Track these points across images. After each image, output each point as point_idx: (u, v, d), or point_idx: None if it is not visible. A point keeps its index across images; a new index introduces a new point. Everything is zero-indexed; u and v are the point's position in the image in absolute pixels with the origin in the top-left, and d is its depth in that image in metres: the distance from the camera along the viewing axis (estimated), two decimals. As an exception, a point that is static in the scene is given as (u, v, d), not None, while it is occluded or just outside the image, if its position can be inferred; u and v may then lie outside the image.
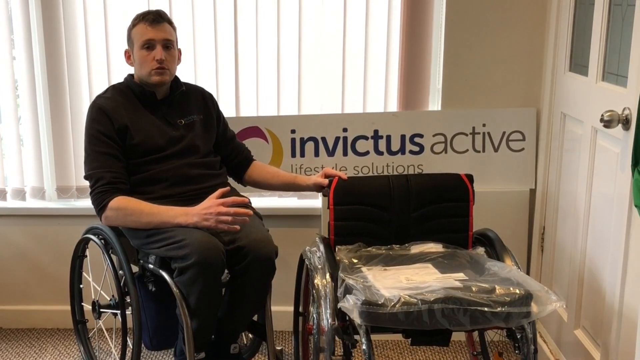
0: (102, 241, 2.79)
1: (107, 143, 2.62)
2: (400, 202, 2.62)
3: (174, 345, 2.73)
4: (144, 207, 2.56)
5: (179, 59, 2.80)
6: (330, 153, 3.23)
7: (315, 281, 2.37)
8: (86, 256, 3.04)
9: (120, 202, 2.56)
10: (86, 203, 3.17)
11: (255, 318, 2.82)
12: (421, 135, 3.21)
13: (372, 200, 2.61)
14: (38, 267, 3.48)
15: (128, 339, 2.74)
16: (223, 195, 2.55)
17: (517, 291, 2.12)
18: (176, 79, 2.79)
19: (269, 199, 3.38)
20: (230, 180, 2.92)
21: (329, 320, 2.23)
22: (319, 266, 2.42)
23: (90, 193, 2.63)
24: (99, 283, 2.97)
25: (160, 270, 2.56)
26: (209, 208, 2.50)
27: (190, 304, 2.49)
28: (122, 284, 2.72)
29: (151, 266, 2.61)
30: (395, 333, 2.17)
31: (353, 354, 2.27)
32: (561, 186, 2.95)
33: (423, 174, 3.14)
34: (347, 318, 2.19)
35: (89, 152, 2.65)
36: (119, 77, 2.91)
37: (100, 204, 2.58)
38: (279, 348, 2.90)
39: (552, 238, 3.03)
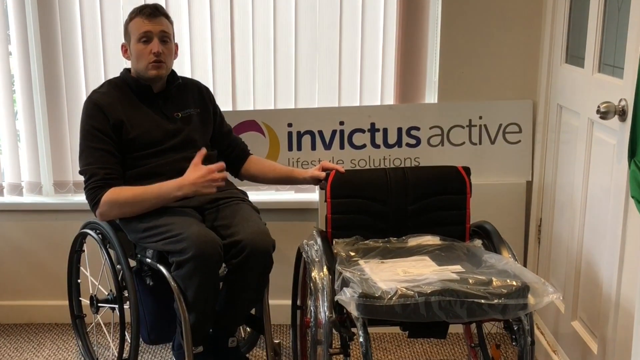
0: (100, 236, 2.79)
1: (102, 139, 2.62)
2: (397, 195, 2.62)
3: (172, 339, 2.73)
4: (136, 193, 2.56)
5: (176, 54, 2.79)
6: (327, 146, 3.23)
7: (313, 274, 2.37)
8: (84, 251, 3.04)
9: (111, 195, 2.57)
10: (83, 198, 3.15)
11: (253, 311, 2.82)
12: (418, 128, 3.21)
13: (369, 193, 2.62)
14: (35, 262, 3.48)
15: (126, 333, 2.74)
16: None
17: (514, 283, 2.13)
18: (173, 72, 2.79)
19: (266, 192, 3.38)
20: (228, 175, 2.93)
21: (327, 313, 2.23)
22: (317, 259, 2.43)
23: (84, 189, 2.64)
24: (96, 278, 2.97)
25: (158, 265, 2.56)
26: (204, 177, 2.53)
27: (188, 298, 2.49)
28: (119, 278, 2.72)
29: (149, 260, 2.61)
30: (393, 326, 2.17)
31: (350, 347, 2.28)
32: (558, 178, 2.95)
33: (420, 167, 3.14)
34: (345, 311, 2.20)
35: (83, 147, 2.65)
36: (115, 72, 2.91)
37: (93, 200, 2.60)
38: (276, 341, 2.89)
39: (549, 230, 3.04)
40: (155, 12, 2.68)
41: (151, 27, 2.66)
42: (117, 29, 3.24)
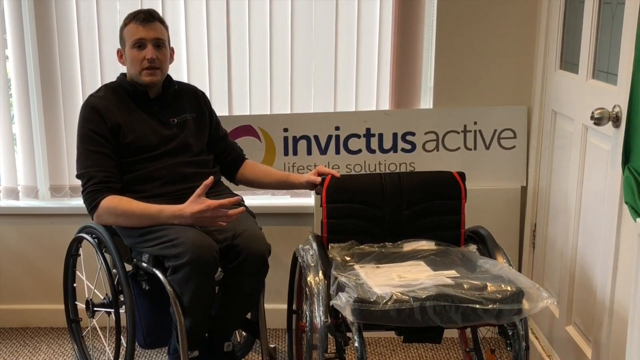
0: (96, 240, 2.79)
1: (100, 142, 2.63)
2: (392, 200, 2.63)
3: (168, 343, 2.73)
4: (135, 208, 2.56)
5: (172, 58, 2.80)
6: (323, 151, 3.24)
7: (308, 279, 2.38)
8: (79, 255, 3.04)
9: (111, 202, 2.57)
10: (79, 202, 3.15)
11: (248, 316, 2.82)
12: (413, 134, 3.22)
13: (364, 198, 2.62)
14: (31, 266, 3.48)
15: (122, 337, 2.74)
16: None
17: (509, 288, 2.13)
18: (169, 77, 2.79)
19: (262, 197, 3.39)
20: (223, 179, 2.93)
21: (322, 318, 2.24)
22: (312, 264, 2.43)
23: (82, 192, 2.63)
24: (92, 282, 2.97)
25: (154, 269, 2.57)
26: (202, 213, 2.50)
27: (184, 302, 2.50)
28: (115, 282, 2.72)
29: (145, 265, 2.62)
30: (388, 330, 2.17)
31: (346, 352, 2.28)
32: (552, 183, 2.96)
33: (415, 172, 3.15)
34: (340, 315, 2.20)
35: (81, 150, 2.65)
36: (111, 77, 2.91)
37: (91, 203, 2.59)
38: (272, 346, 2.91)
39: (544, 235, 3.05)
40: (149, 18, 2.67)
41: (145, 34, 2.65)
42: (113, 34, 3.25)
